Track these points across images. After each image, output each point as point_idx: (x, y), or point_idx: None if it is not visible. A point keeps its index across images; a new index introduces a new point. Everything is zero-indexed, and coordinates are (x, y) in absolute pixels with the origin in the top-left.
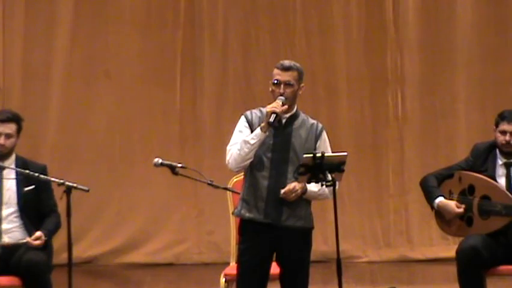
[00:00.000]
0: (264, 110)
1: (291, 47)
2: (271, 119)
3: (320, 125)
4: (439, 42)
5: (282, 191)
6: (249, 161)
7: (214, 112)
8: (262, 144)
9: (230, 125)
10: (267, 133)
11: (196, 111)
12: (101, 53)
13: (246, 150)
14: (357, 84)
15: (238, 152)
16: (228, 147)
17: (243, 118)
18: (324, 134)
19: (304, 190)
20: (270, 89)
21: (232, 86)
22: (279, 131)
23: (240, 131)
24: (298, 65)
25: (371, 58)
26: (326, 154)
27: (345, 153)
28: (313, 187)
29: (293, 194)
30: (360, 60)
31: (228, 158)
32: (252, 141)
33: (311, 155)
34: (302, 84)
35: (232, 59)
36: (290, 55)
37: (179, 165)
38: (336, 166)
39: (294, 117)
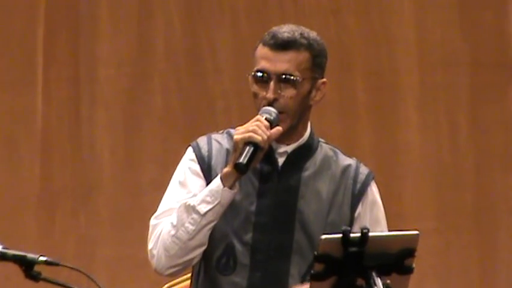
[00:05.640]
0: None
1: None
2: (243, 159)
3: (365, 171)
4: None
5: None
6: (197, 253)
7: (121, 137)
8: (231, 213)
9: (160, 167)
10: (236, 190)
11: (82, 134)
12: None
13: (191, 229)
14: (444, 75)
15: (172, 233)
16: (154, 221)
17: (190, 153)
18: (374, 191)
19: None
20: (252, 90)
21: (163, 77)
22: (271, 182)
23: (182, 184)
24: (313, 36)
25: (471, 23)
26: (371, 234)
27: (416, 232)
28: None
29: None
30: (451, 28)
31: (151, 245)
32: (204, 209)
33: (339, 236)
34: (323, 80)
35: (168, 19)
36: (300, 15)
37: (44, 258)
38: (396, 260)
39: (305, 151)
